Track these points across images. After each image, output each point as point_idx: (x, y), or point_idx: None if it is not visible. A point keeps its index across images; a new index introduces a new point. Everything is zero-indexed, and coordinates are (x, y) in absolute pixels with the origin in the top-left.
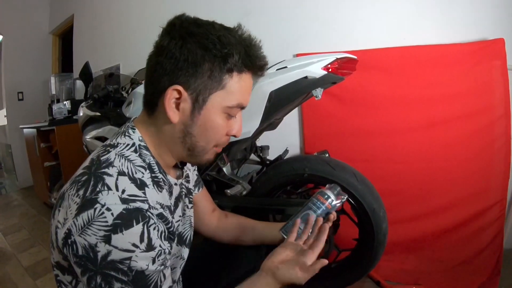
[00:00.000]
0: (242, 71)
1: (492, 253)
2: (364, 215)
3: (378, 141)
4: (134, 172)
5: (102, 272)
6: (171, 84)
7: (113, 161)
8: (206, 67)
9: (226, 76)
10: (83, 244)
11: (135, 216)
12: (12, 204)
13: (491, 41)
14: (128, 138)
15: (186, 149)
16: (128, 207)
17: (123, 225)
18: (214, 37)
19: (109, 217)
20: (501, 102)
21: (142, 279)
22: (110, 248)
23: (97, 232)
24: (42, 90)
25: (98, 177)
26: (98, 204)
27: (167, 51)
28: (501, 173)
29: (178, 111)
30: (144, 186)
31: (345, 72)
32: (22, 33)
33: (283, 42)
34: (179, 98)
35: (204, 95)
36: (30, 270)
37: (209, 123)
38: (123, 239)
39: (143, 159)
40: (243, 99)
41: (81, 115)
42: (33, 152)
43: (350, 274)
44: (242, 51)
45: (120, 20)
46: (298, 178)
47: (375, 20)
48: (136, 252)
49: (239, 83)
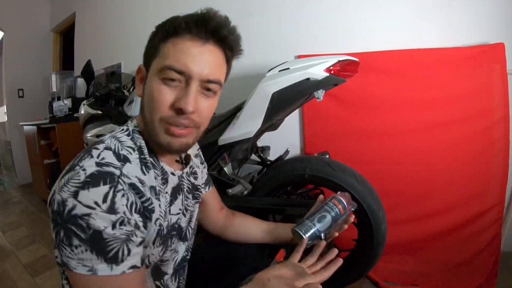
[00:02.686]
0: (177, 36)
1: (490, 255)
2: (364, 216)
3: (378, 143)
4: (120, 149)
5: (65, 225)
6: None
7: (104, 140)
8: (151, 43)
9: (162, 44)
10: (58, 199)
11: (104, 178)
12: (11, 201)
13: (491, 45)
14: (125, 126)
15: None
16: (100, 169)
17: (91, 183)
18: (167, 20)
19: (82, 175)
20: (500, 105)
21: (99, 241)
22: (76, 203)
23: (70, 188)
24: (42, 88)
25: (87, 151)
26: (78, 166)
27: None
28: (499, 175)
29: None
30: (126, 161)
31: (347, 74)
32: (23, 30)
33: (285, 43)
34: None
35: (147, 66)
36: (29, 267)
37: (149, 89)
38: (87, 195)
39: (134, 141)
40: (176, 61)
41: (83, 113)
42: (33, 149)
43: (349, 274)
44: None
45: (121, 18)
46: (298, 178)
47: (377, 23)
48: (97, 210)
49: (173, 47)
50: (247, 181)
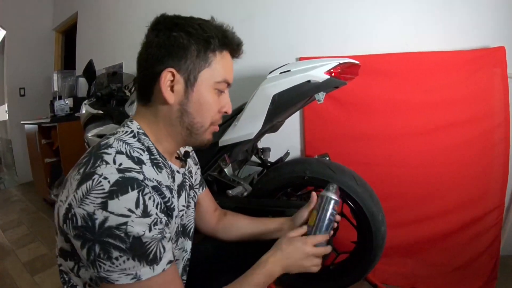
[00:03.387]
0: (223, 50)
1: (489, 258)
2: (363, 218)
3: (378, 145)
4: (132, 152)
5: (100, 240)
6: (164, 68)
7: (111, 144)
8: (193, 49)
9: (211, 55)
10: (82, 214)
11: (131, 184)
12: (11, 200)
13: (492, 49)
14: (127, 127)
15: (185, 128)
16: (123, 176)
17: (119, 191)
18: (196, 25)
19: (106, 184)
20: (500, 109)
21: (140, 247)
22: (107, 214)
23: (94, 200)
24: (44, 87)
25: (97, 156)
26: (96, 175)
27: (156, 43)
28: (499, 179)
29: (173, 92)
30: (141, 163)
31: (348, 77)
32: (25, 29)
33: (286, 46)
34: (173, 80)
35: (194, 73)
36: (28, 266)
37: (202, 98)
38: (119, 204)
39: (141, 143)
40: (228, 76)
41: (84, 112)
42: (34, 148)
43: (348, 276)
44: (220, 34)
45: (123, 19)
46: (298, 180)
47: (378, 25)
48: (132, 217)
49: (222, 61)
50: (247, 182)
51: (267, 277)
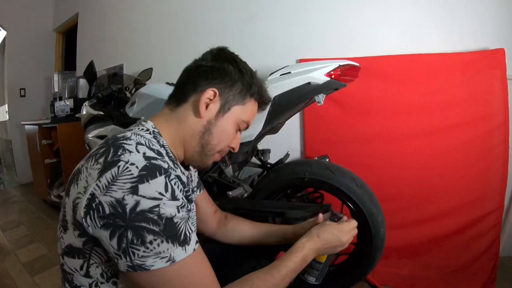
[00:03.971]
0: (256, 100)
1: (489, 260)
2: (363, 220)
3: (378, 147)
4: (152, 145)
5: (132, 225)
6: (210, 86)
7: (129, 136)
8: (238, 85)
9: (248, 98)
10: (110, 201)
11: (158, 169)
12: (11, 200)
13: (492, 51)
14: (141, 126)
15: (201, 144)
16: (151, 162)
17: (149, 175)
18: (248, 70)
19: (134, 170)
20: (500, 111)
21: (172, 228)
22: (138, 198)
23: (123, 185)
24: (44, 87)
25: (117, 146)
26: (122, 161)
27: (212, 65)
28: (498, 181)
29: (206, 109)
30: (162, 155)
31: (348, 79)
32: (26, 30)
33: (286, 47)
34: (212, 99)
35: (230, 104)
36: (28, 266)
37: (226, 126)
38: (150, 187)
39: (157, 140)
40: (251, 120)
41: (84, 113)
42: (34, 148)
43: (348, 277)
44: (259, 87)
45: (124, 20)
46: (298, 182)
47: (378, 28)
48: (164, 199)
49: (252, 107)
50: (247, 184)
51: (302, 262)
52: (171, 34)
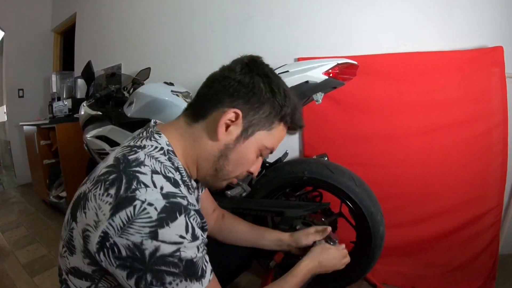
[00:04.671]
0: (286, 124)
1: (488, 258)
2: (362, 218)
3: (376, 146)
4: (167, 172)
5: (152, 269)
6: (233, 106)
7: (143, 161)
8: (267, 107)
9: (276, 122)
10: (126, 245)
11: (178, 209)
12: (10, 201)
13: (490, 49)
14: (155, 142)
15: (214, 168)
16: (170, 201)
17: (169, 218)
18: (281, 88)
19: (153, 212)
20: (499, 109)
21: (191, 268)
22: (158, 244)
23: (141, 229)
24: (42, 88)
25: (130, 175)
26: (138, 200)
27: (240, 79)
28: (497, 179)
29: (226, 132)
30: (178, 185)
31: (346, 77)
32: (24, 30)
33: (284, 46)
34: (233, 121)
35: (253, 128)
36: (27, 267)
37: (245, 153)
38: (170, 232)
39: (171, 162)
40: (276, 146)
41: (82, 113)
42: (32, 149)
43: (347, 276)
44: (293, 109)
45: (122, 20)
46: (297, 180)
47: (377, 26)
48: (184, 243)
49: (280, 132)
50: (246, 183)
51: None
52: (169, 34)
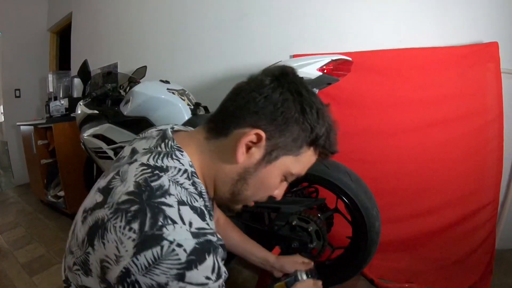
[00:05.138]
0: (316, 149)
1: (485, 253)
2: (358, 214)
3: (372, 142)
4: (193, 201)
5: None
6: (256, 126)
7: (168, 189)
8: (295, 129)
9: (305, 148)
10: (150, 284)
11: (207, 249)
12: (8, 202)
13: (485, 45)
14: (178, 162)
15: (232, 192)
16: (200, 241)
17: (198, 261)
18: (314, 108)
19: (182, 254)
20: (494, 104)
21: None
22: (184, 285)
23: (168, 271)
24: (39, 88)
25: (155, 207)
26: (166, 241)
27: (268, 94)
28: (493, 174)
29: (247, 154)
30: (205, 215)
31: (340, 73)
32: (19, 30)
33: (280, 43)
34: (255, 143)
35: (278, 152)
36: (26, 267)
37: (267, 179)
38: (197, 274)
39: (195, 187)
40: (304, 171)
41: (79, 112)
42: (29, 149)
43: (344, 271)
44: (326, 134)
45: (118, 19)
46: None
47: (372, 22)
48: (209, 284)
49: (309, 157)
50: None
51: None
52: (165, 32)
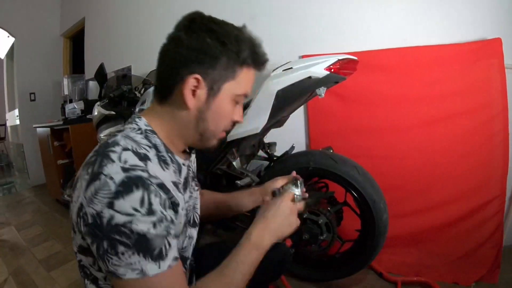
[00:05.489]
0: (250, 65)
1: (492, 247)
2: (366, 206)
3: (380, 138)
4: (139, 149)
5: (108, 236)
6: (190, 73)
7: (118, 141)
8: (223, 60)
9: (238, 69)
10: (92, 213)
11: (135, 183)
12: (24, 202)
13: (489, 41)
14: (135, 125)
15: (198, 133)
16: (129, 175)
17: (125, 192)
18: (231, 35)
19: (112, 185)
20: (498, 99)
21: (144, 243)
22: (113, 213)
23: (102, 199)
24: (53, 91)
25: (104, 155)
26: (102, 175)
27: (187, 44)
28: (499, 168)
29: (194, 98)
30: (147, 159)
31: (347, 72)
32: (33, 36)
33: (288, 45)
34: (197, 86)
35: (218, 84)
36: (44, 263)
37: (221, 109)
38: (124, 204)
39: (148, 140)
40: (249, 89)
41: (96, 114)
42: (46, 150)
43: (353, 264)
44: (251, 49)
45: (130, 23)
46: (303, 171)
47: (377, 22)
48: (137, 215)
49: (247, 75)
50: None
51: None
52: None
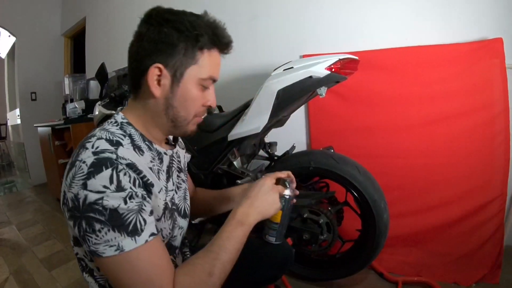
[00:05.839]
0: (211, 48)
1: (493, 247)
2: (366, 206)
3: (381, 138)
4: (112, 137)
5: (84, 215)
6: (152, 63)
7: (95, 133)
8: (181, 47)
9: (198, 53)
10: (71, 196)
11: (104, 163)
12: (25, 201)
13: (490, 41)
14: (112, 119)
15: (170, 120)
16: (98, 157)
17: (95, 171)
18: (186, 22)
19: (84, 167)
20: (500, 99)
21: (117, 218)
22: (86, 193)
23: (78, 182)
24: (54, 91)
25: (82, 146)
26: (77, 161)
27: (147, 37)
28: (501, 168)
29: (160, 86)
30: (119, 145)
31: (348, 71)
32: (34, 35)
33: (289, 44)
34: (160, 75)
35: (181, 70)
36: (45, 262)
37: (187, 94)
38: (95, 182)
39: (123, 130)
40: (214, 72)
41: (97, 113)
42: (47, 150)
43: (354, 264)
44: (210, 32)
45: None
46: (304, 171)
47: (378, 22)
48: (107, 192)
49: (209, 58)
50: (256, 173)
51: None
52: None
